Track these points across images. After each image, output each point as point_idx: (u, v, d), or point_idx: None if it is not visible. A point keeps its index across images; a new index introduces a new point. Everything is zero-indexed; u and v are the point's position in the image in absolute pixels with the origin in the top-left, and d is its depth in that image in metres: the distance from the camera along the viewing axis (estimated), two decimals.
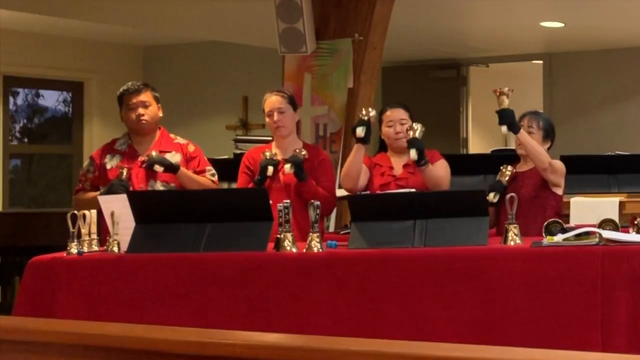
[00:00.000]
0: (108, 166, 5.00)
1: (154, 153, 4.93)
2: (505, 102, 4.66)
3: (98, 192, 4.86)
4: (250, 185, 4.93)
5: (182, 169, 4.95)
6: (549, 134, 4.89)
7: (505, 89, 4.71)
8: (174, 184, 4.94)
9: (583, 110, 10.00)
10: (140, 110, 4.98)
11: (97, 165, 5.03)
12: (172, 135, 5.13)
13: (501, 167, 4.80)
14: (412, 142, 4.79)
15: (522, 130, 4.69)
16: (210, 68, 10.49)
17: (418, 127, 4.83)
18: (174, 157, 4.99)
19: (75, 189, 5.15)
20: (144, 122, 4.99)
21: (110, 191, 4.74)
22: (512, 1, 7.68)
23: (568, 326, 3.73)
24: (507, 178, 4.76)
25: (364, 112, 4.90)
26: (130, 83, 5.07)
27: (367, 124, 4.84)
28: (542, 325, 3.75)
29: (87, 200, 4.86)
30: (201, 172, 5.05)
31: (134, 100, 4.99)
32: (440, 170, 4.90)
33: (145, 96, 5.01)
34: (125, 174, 4.85)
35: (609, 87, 9.88)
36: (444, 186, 4.86)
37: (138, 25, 8.77)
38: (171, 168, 4.90)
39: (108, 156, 5.04)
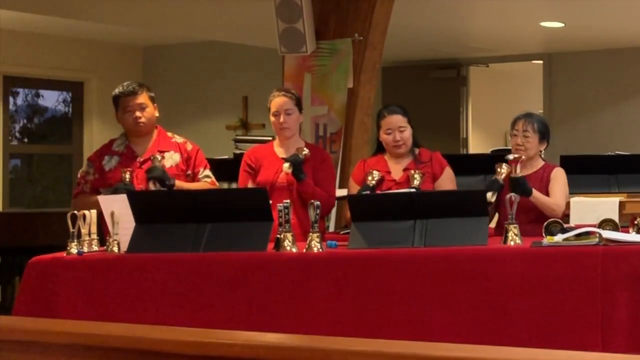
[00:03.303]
0: (107, 168, 4.97)
1: (157, 163, 4.84)
2: (517, 170, 4.63)
3: (101, 195, 4.82)
4: (250, 183, 4.93)
5: (178, 184, 4.87)
6: (544, 135, 4.86)
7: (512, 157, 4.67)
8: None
9: (583, 110, 10.00)
10: (137, 114, 4.94)
11: (96, 168, 4.99)
12: (169, 134, 5.09)
13: (496, 166, 4.77)
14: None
15: (533, 191, 4.66)
16: (210, 68, 10.49)
17: (418, 176, 4.82)
18: (173, 157, 4.97)
19: (75, 191, 5.07)
20: (141, 124, 4.95)
21: (115, 194, 4.69)
22: (512, 1, 7.68)
23: (568, 326, 3.72)
24: (503, 176, 4.71)
25: (370, 177, 4.87)
26: (126, 84, 5.01)
27: (372, 192, 4.81)
28: (542, 325, 3.75)
29: (89, 203, 4.71)
30: (195, 175, 5.00)
31: (131, 103, 4.94)
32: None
33: (142, 98, 4.96)
34: (128, 177, 4.80)
35: (609, 87, 9.88)
36: None
37: (138, 25, 8.77)
38: (167, 186, 4.81)
39: (106, 157, 5.00)
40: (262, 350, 2.44)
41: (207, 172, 5.04)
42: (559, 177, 4.83)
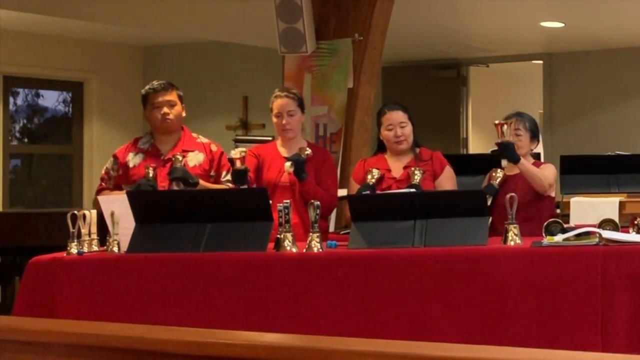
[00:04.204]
0: (130, 164, 4.96)
1: (179, 165, 4.83)
2: (506, 134, 4.66)
3: (124, 192, 4.81)
4: (254, 166, 4.91)
5: (202, 183, 4.87)
6: (535, 134, 4.97)
7: (504, 122, 4.71)
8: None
9: (583, 110, 10.00)
10: (166, 109, 4.95)
11: (120, 164, 4.99)
12: (194, 135, 5.10)
13: (491, 171, 4.81)
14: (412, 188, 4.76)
15: (521, 160, 4.71)
16: (210, 68, 10.49)
17: (419, 172, 4.82)
18: (197, 157, 4.97)
19: (98, 188, 5.08)
20: (168, 121, 4.96)
21: None
22: (512, 1, 7.68)
23: (568, 326, 3.72)
24: (498, 181, 4.77)
25: (369, 176, 4.87)
26: (155, 82, 5.04)
27: (372, 190, 4.81)
28: (542, 325, 3.75)
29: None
30: (218, 177, 5.01)
31: (160, 99, 4.96)
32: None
33: (171, 95, 4.99)
34: (152, 173, 4.79)
35: (609, 87, 9.88)
36: None
37: (138, 25, 8.77)
38: (191, 186, 4.80)
39: (131, 154, 4.99)
40: (262, 350, 2.44)
41: (229, 176, 5.03)
42: (548, 167, 4.95)
